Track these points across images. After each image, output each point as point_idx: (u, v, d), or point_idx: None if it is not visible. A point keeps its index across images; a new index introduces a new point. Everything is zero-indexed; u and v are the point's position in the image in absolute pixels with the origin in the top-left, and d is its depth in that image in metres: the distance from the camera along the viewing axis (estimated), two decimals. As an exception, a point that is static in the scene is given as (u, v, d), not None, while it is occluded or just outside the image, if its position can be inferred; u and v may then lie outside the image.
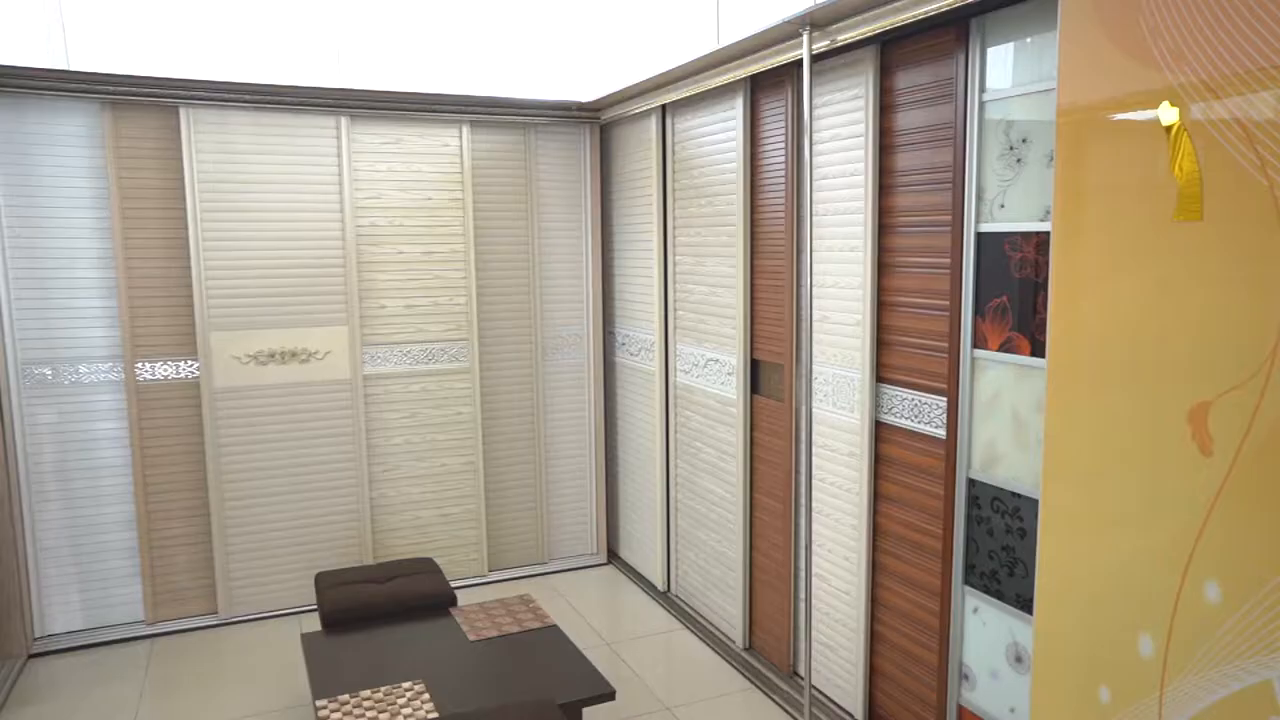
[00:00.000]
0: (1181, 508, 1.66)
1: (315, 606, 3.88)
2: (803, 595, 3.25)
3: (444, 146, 4.18)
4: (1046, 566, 1.99)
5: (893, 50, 2.75)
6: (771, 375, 3.46)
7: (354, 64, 3.86)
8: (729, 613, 3.77)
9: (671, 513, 4.20)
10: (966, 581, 2.60)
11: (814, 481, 3.18)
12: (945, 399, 2.61)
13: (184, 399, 3.89)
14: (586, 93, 4.23)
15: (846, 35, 2.66)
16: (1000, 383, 2.44)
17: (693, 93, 3.59)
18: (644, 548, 4.46)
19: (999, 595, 2.49)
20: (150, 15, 3.54)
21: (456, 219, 4.24)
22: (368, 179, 4.07)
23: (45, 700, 3.38)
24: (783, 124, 3.24)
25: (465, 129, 4.20)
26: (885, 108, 2.79)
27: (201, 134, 3.77)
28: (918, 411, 2.74)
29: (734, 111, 3.47)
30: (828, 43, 2.74)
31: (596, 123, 4.46)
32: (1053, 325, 1.94)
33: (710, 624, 3.91)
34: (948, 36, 2.53)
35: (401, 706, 2.56)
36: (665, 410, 4.16)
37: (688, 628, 3.96)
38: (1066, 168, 1.88)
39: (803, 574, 3.27)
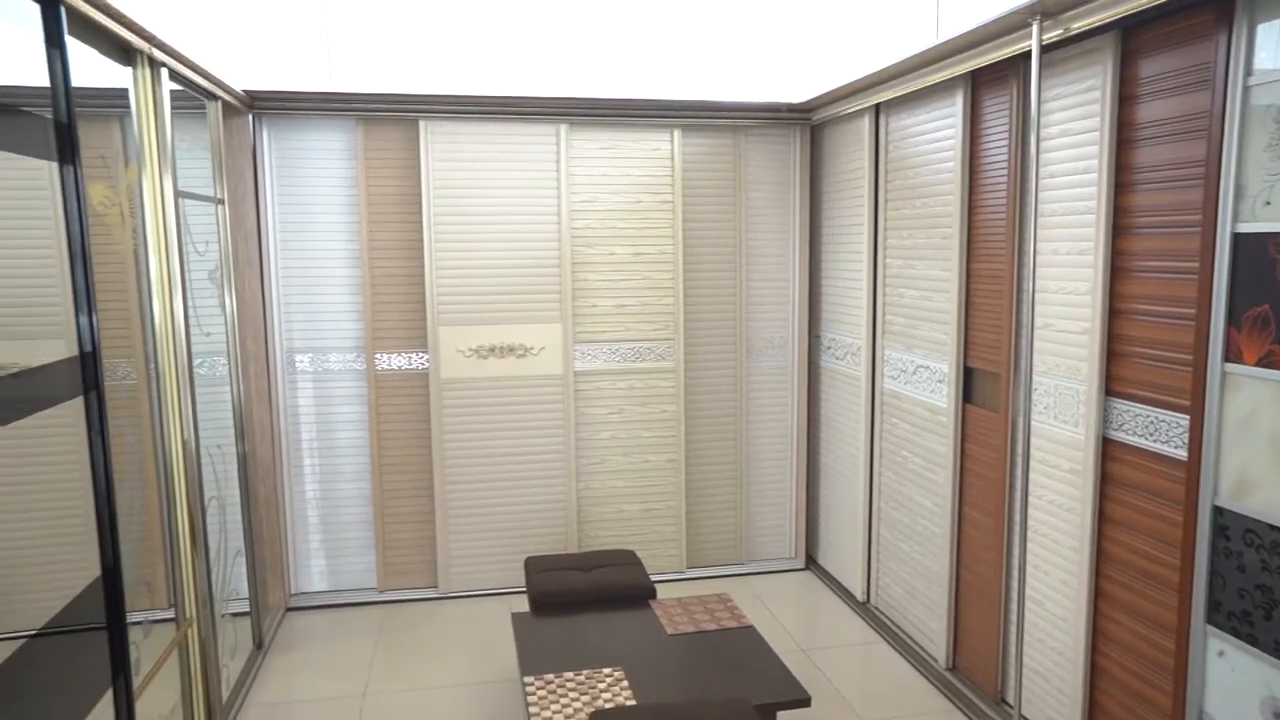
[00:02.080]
0: None
1: (524, 589, 4.12)
2: (1014, 618, 3.06)
3: (655, 150, 4.30)
4: (1310, 610, 1.76)
5: (1136, 36, 2.53)
6: (986, 384, 3.28)
7: (572, 73, 4.05)
8: (932, 630, 3.61)
9: (874, 522, 4.08)
10: (1210, 621, 2.35)
11: (1030, 499, 2.98)
12: (1188, 417, 2.38)
13: (414, 388, 4.25)
14: (797, 94, 4.20)
15: (1082, 22, 2.48)
16: (1257, 401, 2.18)
17: (908, 90, 3.47)
18: (844, 555, 4.37)
19: (1252, 640, 2.23)
20: (395, 37, 3.89)
21: (666, 221, 4.34)
22: (583, 183, 4.26)
23: (299, 649, 3.81)
24: (1006, 120, 3.06)
25: (676, 133, 4.29)
26: (1124, 99, 2.57)
27: (437, 143, 4.10)
28: (1153, 429, 2.51)
29: (952, 109, 3.33)
30: (1060, 32, 2.57)
31: (807, 123, 4.42)
32: (1326, 339, 1.71)
33: (911, 639, 3.77)
34: (1205, 17, 2.29)
35: (602, 691, 2.67)
36: (870, 416, 4.05)
37: (887, 641, 3.84)
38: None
39: (1014, 595, 3.08)
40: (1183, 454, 2.40)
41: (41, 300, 2.18)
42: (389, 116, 4.06)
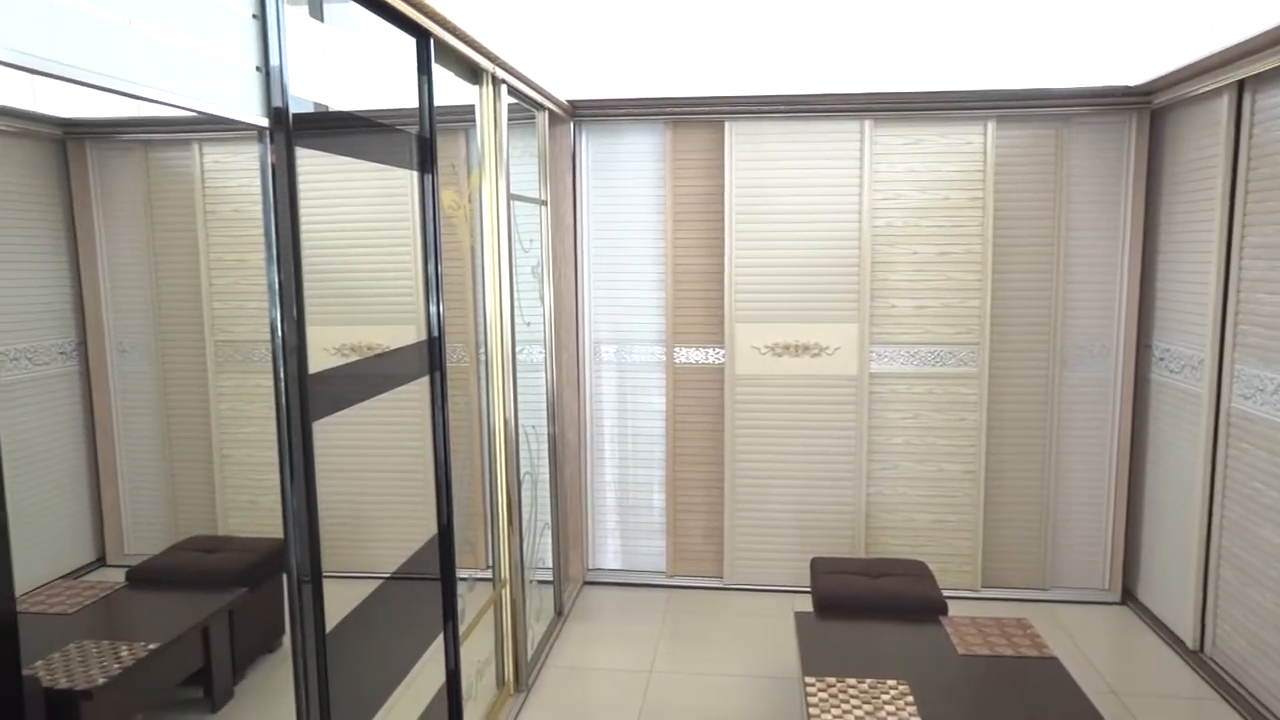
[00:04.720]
0: None
1: (808, 588, 4.09)
2: (1404, 695, 2.54)
3: (966, 144, 4.07)
4: None
5: None
6: (1376, 411, 2.74)
7: (877, 66, 3.95)
8: (1286, 694, 3.10)
9: (1212, 560, 3.57)
10: None
11: None
12: None
13: (709, 382, 4.38)
14: (1133, 75, 3.77)
15: None
16: None
17: (1283, 63, 2.98)
18: (1171, 594, 3.87)
19: None
20: (702, 42, 4.03)
21: (974, 219, 4.09)
22: (886, 180, 4.13)
23: (594, 620, 4.10)
24: None
25: (990, 125, 4.02)
26: None
27: (740, 143, 4.18)
28: None
29: (1344, 81, 2.81)
30: None
31: (1146, 108, 3.94)
32: None
33: (1260, 704, 3.25)
34: None
35: (885, 703, 2.59)
36: (1213, 439, 3.54)
37: (1226, 700, 3.34)
38: None
39: (1407, 668, 2.55)
40: None
41: (402, 291, 2.54)
42: (696, 119, 4.21)
